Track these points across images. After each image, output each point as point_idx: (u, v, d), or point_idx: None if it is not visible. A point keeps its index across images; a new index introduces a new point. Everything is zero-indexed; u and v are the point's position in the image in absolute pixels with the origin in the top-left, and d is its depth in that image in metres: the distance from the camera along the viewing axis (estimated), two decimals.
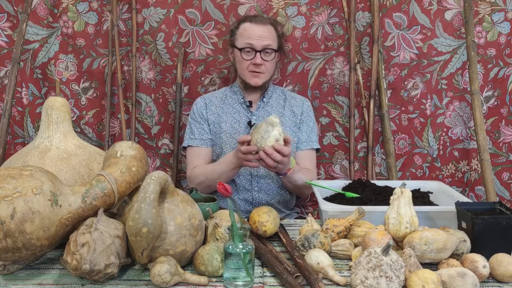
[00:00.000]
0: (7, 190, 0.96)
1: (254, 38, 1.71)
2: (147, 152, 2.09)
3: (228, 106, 1.83)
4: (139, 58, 2.06)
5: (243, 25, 1.76)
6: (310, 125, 1.84)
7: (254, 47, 1.71)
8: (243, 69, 1.76)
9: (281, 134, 1.41)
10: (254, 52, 1.71)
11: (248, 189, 1.77)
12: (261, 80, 1.76)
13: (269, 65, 1.75)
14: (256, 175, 1.77)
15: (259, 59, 1.71)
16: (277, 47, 1.77)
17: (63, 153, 1.28)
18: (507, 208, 1.17)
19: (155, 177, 1.01)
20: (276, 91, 1.89)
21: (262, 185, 1.78)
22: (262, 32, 1.72)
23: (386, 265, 0.94)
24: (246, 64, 1.74)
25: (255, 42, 1.71)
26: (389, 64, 2.02)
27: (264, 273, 1.10)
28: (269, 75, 1.79)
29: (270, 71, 1.78)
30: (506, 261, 1.04)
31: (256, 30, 1.72)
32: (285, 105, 1.84)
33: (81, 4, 2.02)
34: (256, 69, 1.73)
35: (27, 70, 2.03)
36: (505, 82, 2.00)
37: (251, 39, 1.71)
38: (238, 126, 1.80)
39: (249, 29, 1.73)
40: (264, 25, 1.74)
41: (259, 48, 1.71)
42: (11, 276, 1.07)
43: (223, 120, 1.81)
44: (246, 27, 1.74)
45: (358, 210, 1.22)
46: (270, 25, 1.76)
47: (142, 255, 1.02)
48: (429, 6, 1.98)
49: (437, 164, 2.05)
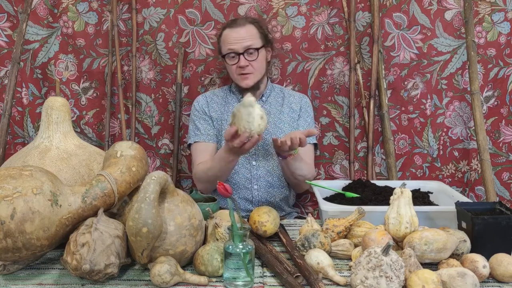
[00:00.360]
0: (7, 190, 0.96)
1: (234, 42, 1.72)
2: (147, 152, 2.09)
3: (228, 105, 1.84)
4: (139, 58, 2.06)
5: (224, 32, 1.77)
6: (308, 120, 1.84)
7: (235, 50, 1.72)
8: (233, 73, 1.78)
9: (262, 110, 1.39)
10: (237, 55, 1.72)
11: (248, 188, 1.78)
12: (251, 81, 1.75)
13: (255, 64, 1.74)
14: (256, 174, 1.77)
15: (243, 61, 1.71)
16: (262, 44, 1.76)
17: (63, 153, 1.28)
18: (507, 208, 1.17)
19: (155, 177, 1.01)
20: (274, 89, 1.89)
21: (261, 184, 1.78)
22: (240, 34, 1.72)
23: (386, 265, 0.94)
24: (233, 69, 1.75)
25: (235, 46, 1.72)
26: (389, 64, 2.02)
27: (264, 273, 1.10)
28: (260, 74, 1.78)
29: (259, 70, 1.77)
30: (506, 261, 1.04)
31: (234, 34, 1.73)
32: (283, 103, 1.84)
33: (81, 4, 2.01)
34: (243, 71, 1.73)
35: (27, 70, 2.03)
36: (505, 82, 2.00)
37: (231, 44, 1.72)
38: None
39: (228, 35, 1.74)
40: (242, 26, 1.74)
41: (240, 51, 1.71)
42: (11, 276, 1.07)
43: (224, 118, 1.81)
44: (226, 34, 1.76)
45: (358, 210, 1.22)
46: (249, 24, 1.75)
47: (142, 255, 1.02)
48: (429, 6, 1.98)
49: (437, 164, 2.05)
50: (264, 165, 1.78)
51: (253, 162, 1.78)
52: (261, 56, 1.76)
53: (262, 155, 1.78)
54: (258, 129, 1.40)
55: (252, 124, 1.38)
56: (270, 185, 1.79)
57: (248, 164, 1.78)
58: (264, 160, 1.78)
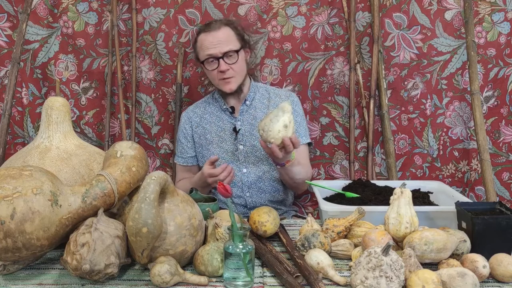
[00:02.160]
0: (7, 190, 0.96)
1: (211, 47, 1.67)
2: (147, 152, 2.09)
3: (211, 115, 1.81)
4: (139, 58, 2.06)
5: (199, 37, 1.73)
6: (298, 120, 1.77)
7: (214, 55, 1.68)
8: (213, 79, 1.74)
9: (291, 122, 1.37)
10: (216, 60, 1.68)
11: (241, 196, 1.77)
12: (234, 85, 1.72)
13: (236, 67, 1.70)
14: (247, 181, 1.76)
15: (223, 65, 1.67)
16: (240, 46, 1.72)
17: (63, 153, 1.28)
18: (507, 208, 1.18)
19: (155, 177, 1.01)
20: (259, 90, 1.83)
21: (253, 192, 1.77)
22: (217, 38, 1.68)
23: (386, 265, 0.94)
24: (214, 74, 1.72)
25: (213, 50, 1.67)
26: (389, 64, 2.02)
27: (264, 273, 1.10)
28: (241, 77, 1.74)
29: (240, 73, 1.73)
30: (506, 261, 1.04)
31: (211, 38, 1.68)
32: (269, 105, 1.79)
33: (81, 4, 2.01)
34: (224, 75, 1.69)
35: (27, 70, 2.03)
36: (505, 82, 2.00)
37: (208, 49, 1.68)
38: (223, 134, 1.77)
39: (204, 40, 1.70)
40: (218, 30, 1.69)
41: (219, 55, 1.67)
42: (11, 276, 1.07)
43: (208, 131, 1.79)
44: (202, 39, 1.71)
45: (358, 210, 1.22)
46: (225, 27, 1.71)
47: (142, 255, 1.02)
48: (429, 6, 1.98)
49: (437, 164, 2.05)
50: (254, 172, 1.76)
51: (243, 170, 1.76)
52: (241, 58, 1.72)
53: (252, 162, 1.76)
54: (276, 136, 1.37)
55: (273, 125, 1.36)
56: (262, 191, 1.77)
57: (239, 172, 1.76)
58: (255, 167, 1.76)
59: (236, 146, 1.76)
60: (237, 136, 1.75)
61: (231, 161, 1.76)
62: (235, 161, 1.76)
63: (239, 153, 1.76)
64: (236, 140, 1.76)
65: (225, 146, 1.77)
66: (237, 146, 1.76)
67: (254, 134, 1.75)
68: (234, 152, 1.76)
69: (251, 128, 1.76)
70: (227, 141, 1.77)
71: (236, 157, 1.76)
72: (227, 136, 1.77)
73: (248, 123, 1.77)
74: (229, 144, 1.77)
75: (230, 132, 1.77)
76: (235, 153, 1.76)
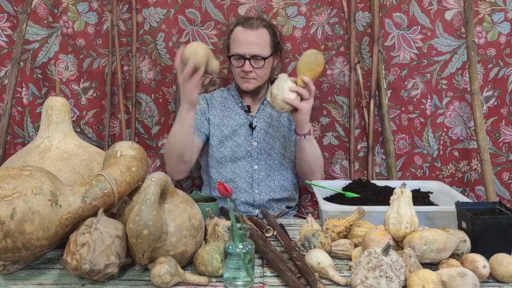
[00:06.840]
0: (7, 190, 0.96)
1: (243, 46, 1.68)
2: (147, 152, 2.09)
3: (229, 110, 1.82)
4: (139, 58, 2.06)
5: (236, 29, 1.73)
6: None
7: (242, 55, 1.68)
8: (235, 74, 1.76)
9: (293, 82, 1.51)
10: (243, 59, 1.69)
11: (249, 192, 1.77)
12: (251, 86, 1.74)
13: (260, 71, 1.71)
14: (257, 178, 1.77)
15: (248, 66, 1.68)
16: (271, 53, 1.72)
17: (63, 153, 1.28)
18: (507, 208, 1.17)
19: (155, 178, 1.01)
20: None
21: (263, 188, 1.77)
22: (252, 39, 1.68)
23: (386, 265, 0.94)
24: (237, 70, 1.73)
25: (243, 49, 1.68)
26: (389, 64, 2.02)
27: (264, 273, 1.10)
28: (262, 81, 1.76)
29: (262, 76, 1.74)
30: (506, 261, 1.04)
31: (246, 36, 1.68)
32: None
33: (81, 4, 2.01)
34: (246, 76, 1.71)
35: (27, 70, 2.03)
36: (505, 82, 2.00)
37: (240, 47, 1.68)
38: (239, 129, 1.79)
39: (239, 35, 1.70)
40: (255, 29, 1.70)
41: (247, 57, 1.68)
42: (11, 276, 1.07)
43: (224, 123, 1.80)
44: (238, 32, 1.71)
45: (358, 210, 1.22)
46: (263, 29, 1.72)
47: (143, 256, 1.02)
48: (429, 6, 1.98)
49: (437, 164, 2.05)
50: (265, 169, 1.78)
51: (255, 166, 1.77)
52: (267, 65, 1.73)
53: (264, 159, 1.78)
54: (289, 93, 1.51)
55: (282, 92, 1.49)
56: (271, 189, 1.78)
57: (250, 168, 1.77)
58: (266, 165, 1.78)
59: (250, 142, 1.77)
60: (253, 132, 1.77)
61: (244, 157, 1.77)
62: (247, 157, 1.77)
63: (252, 149, 1.77)
64: (251, 136, 1.77)
65: (239, 141, 1.78)
66: (251, 142, 1.77)
67: (270, 132, 1.78)
68: (248, 148, 1.77)
69: (267, 126, 1.78)
70: (242, 137, 1.78)
71: (249, 153, 1.77)
72: (243, 131, 1.78)
73: (264, 120, 1.79)
74: (243, 139, 1.78)
75: (246, 128, 1.78)
76: (249, 149, 1.77)
